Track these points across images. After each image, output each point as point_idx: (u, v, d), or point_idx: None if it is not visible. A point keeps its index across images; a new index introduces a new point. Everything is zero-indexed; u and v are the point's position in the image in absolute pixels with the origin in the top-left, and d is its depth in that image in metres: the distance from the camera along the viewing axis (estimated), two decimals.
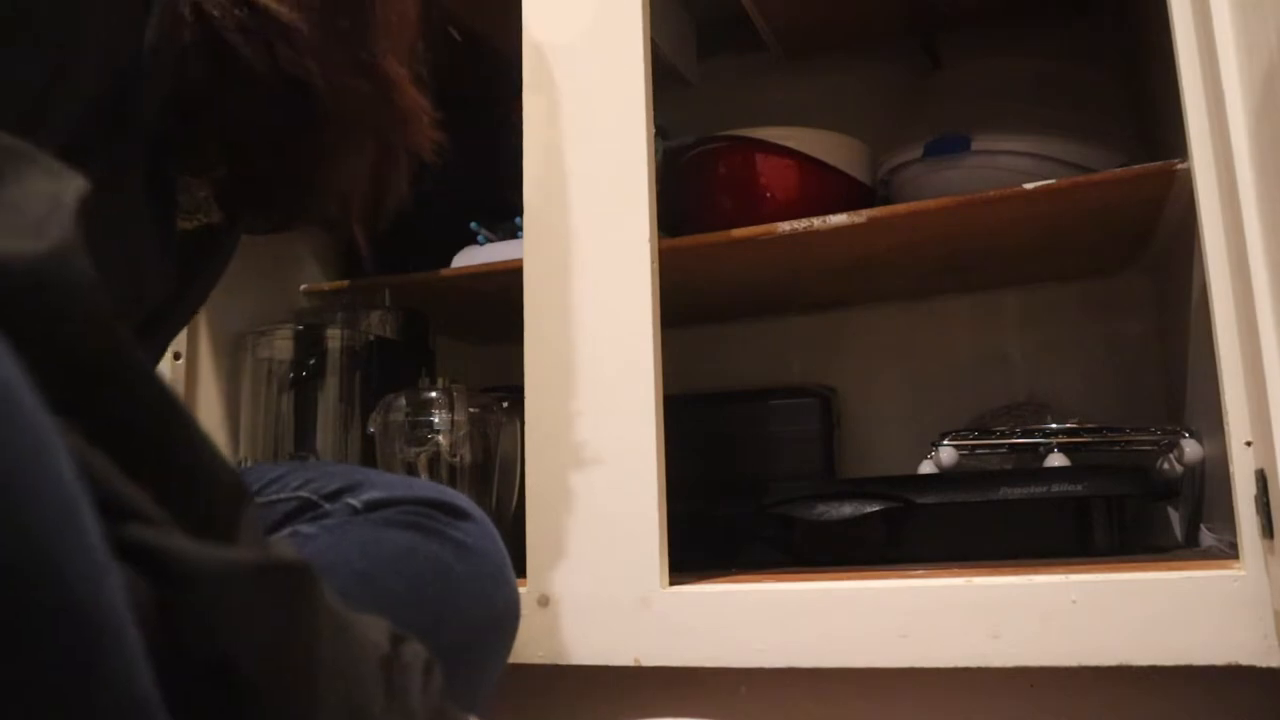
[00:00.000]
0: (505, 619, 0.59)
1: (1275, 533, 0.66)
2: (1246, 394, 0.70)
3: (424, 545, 0.54)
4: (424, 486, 0.57)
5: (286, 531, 0.52)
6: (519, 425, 0.96)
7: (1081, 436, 0.97)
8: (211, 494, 0.27)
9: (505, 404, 1.06)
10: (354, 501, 0.54)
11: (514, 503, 1.03)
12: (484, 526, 0.58)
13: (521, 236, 1.14)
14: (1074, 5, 1.21)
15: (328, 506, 0.53)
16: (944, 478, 0.97)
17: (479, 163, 1.34)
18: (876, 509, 0.95)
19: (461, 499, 0.58)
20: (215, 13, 0.42)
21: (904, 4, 1.21)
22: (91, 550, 0.22)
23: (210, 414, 1.11)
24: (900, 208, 0.96)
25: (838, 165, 1.08)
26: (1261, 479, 0.68)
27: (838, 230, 0.96)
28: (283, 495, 0.55)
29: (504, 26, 1.04)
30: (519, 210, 0.92)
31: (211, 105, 0.45)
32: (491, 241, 1.15)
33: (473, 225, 1.16)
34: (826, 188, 1.08)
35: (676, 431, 0.85)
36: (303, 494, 0.54)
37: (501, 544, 0.59)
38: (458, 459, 1.03)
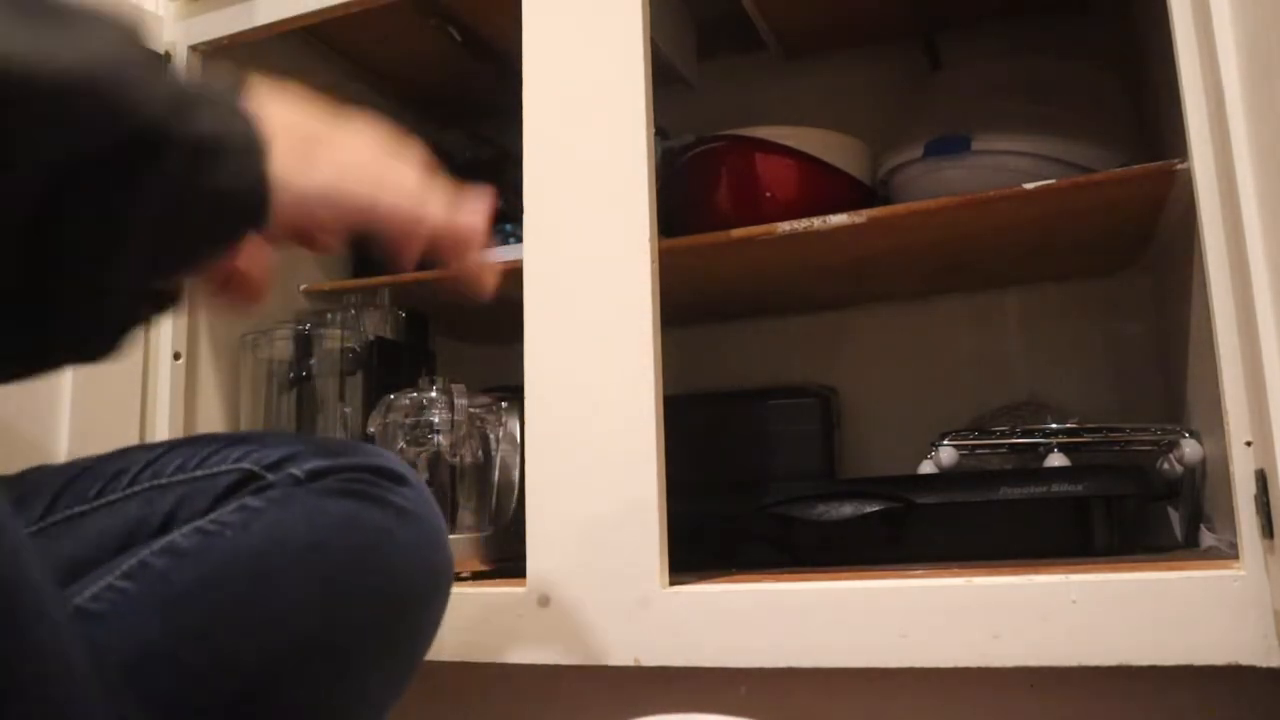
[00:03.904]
0: (442, 580, 0.61)
1: (1275, 533, 0.66)
2: (1246, 394, 0.70)
3: (366, 512, 0.55)
4: (364, 450, 0.58)
5: (234, 505, 0.54)
6: (519, 425, 0.96)
7: (1081, 436, 0.97)
8: None
9: (505, 404, 1.06)
10: (296, 471, 0.55)
11: (514, 503, 1.03)
12: (421, 491, 0.60)
13: (511, 242, 1.14)
14: (1074, 5, 1.21)
15: (271, 477, 0.55)
16: (944, 478, 0.97)
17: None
18: (876, 509, 0.95)
19: (398, 463, 0.59)
20: None
21: (904, 4, 1.21)
22: None
23: (210, 414, 1.11)
24: (900, 208, 0.96)
25: (838, 165, 1.08)
26: (1261, 479, 0.68)
27: (838, 230, 0.96)
28: (224, 467, 0.56)
29: (504, 26, 1.04)
30: (510, 218, 0.92)
31: None
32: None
33: None
34: (826, 188, 1.07)
35: (676, 431, 0.85)
36: (244, 465, 0.56)
37: (437, 507, 0.61)
38: (458, 459, 1.03)
